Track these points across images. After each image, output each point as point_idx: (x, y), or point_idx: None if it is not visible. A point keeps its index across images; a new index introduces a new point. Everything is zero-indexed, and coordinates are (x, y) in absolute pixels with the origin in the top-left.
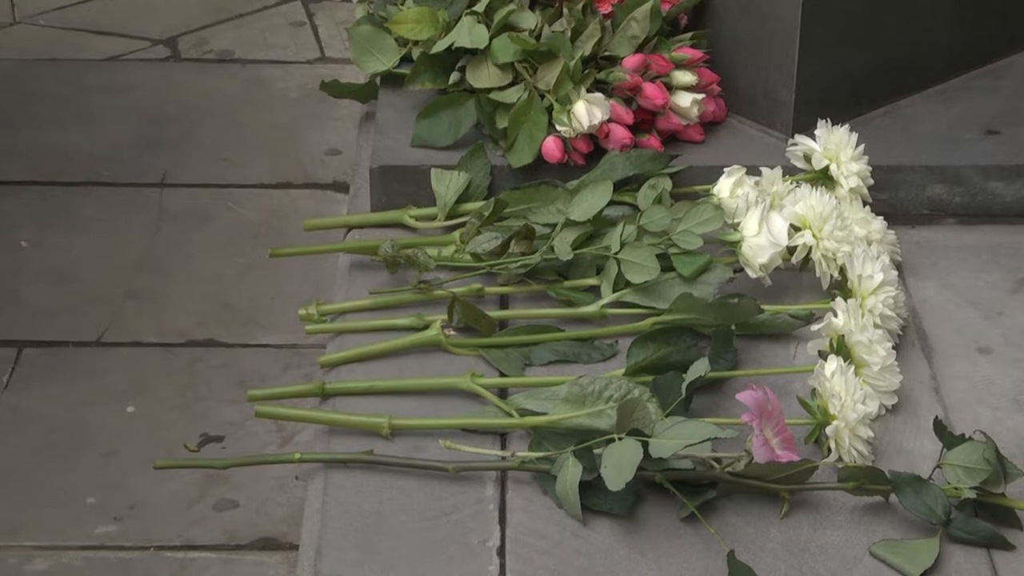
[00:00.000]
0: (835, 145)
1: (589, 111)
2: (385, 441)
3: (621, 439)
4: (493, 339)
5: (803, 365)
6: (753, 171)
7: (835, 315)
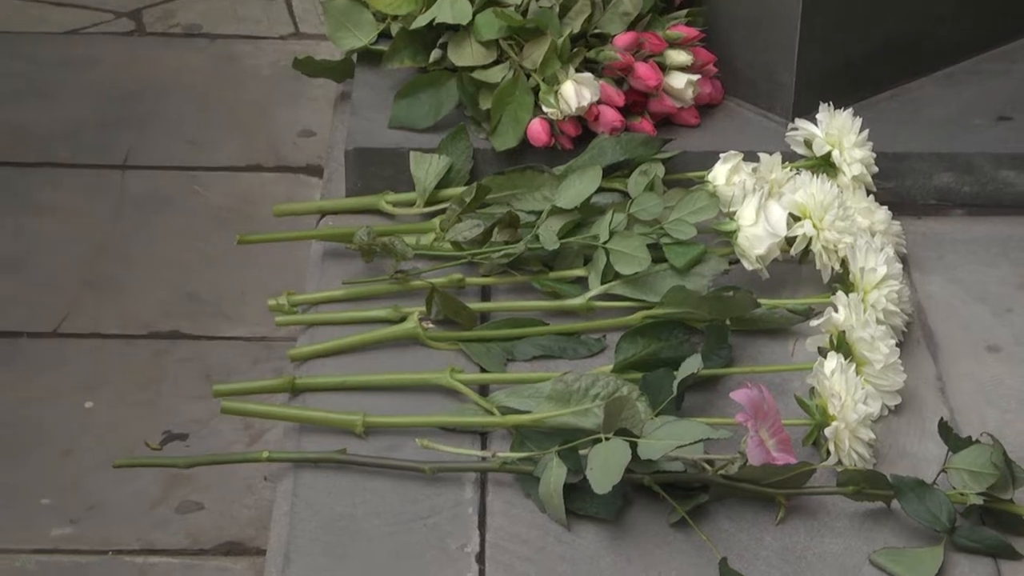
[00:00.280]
0: (838, 130)
1: (578, 92)
2: (358, 440)
3: (608, 439)
4: (474, 333)
5: (801, 363)
6: (751, 157)
7: (836, 310)
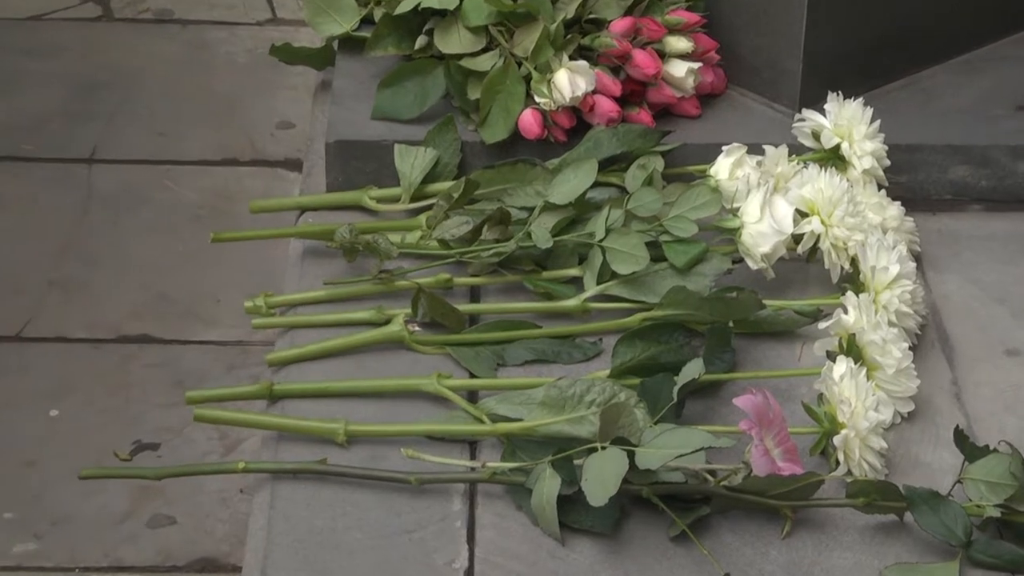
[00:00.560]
0: (847, 121)
1: (572, 81)
2: (340, 449)
3: (604, 448)
4: (462, 336)
5: (809, 367)
6: (755, 150)
7: (845, 311)
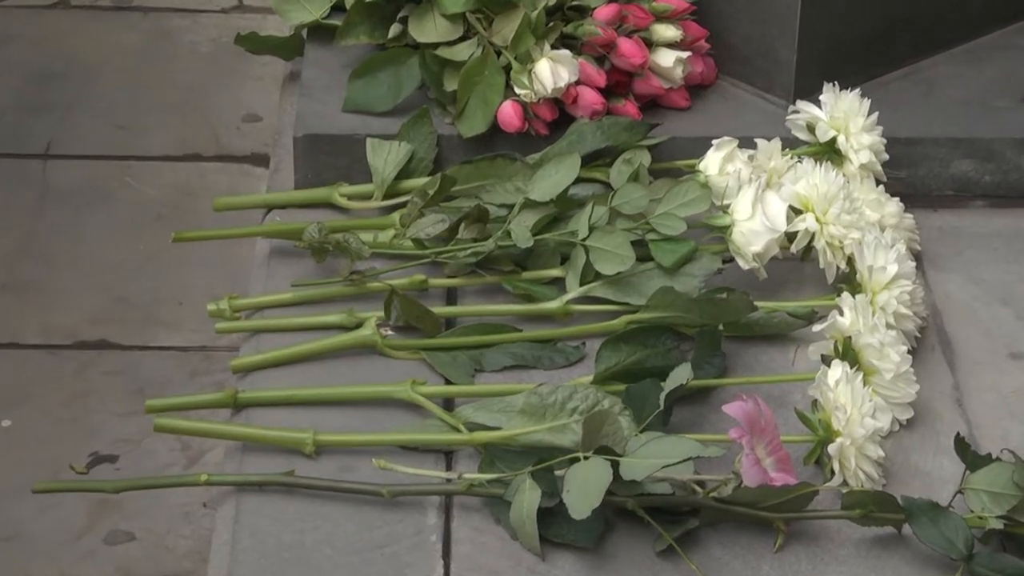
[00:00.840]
0: (844, 113)
1: (554, 71)
2: (308, 460)
3: (587, 458)
4: (438, 340)
5: (803, 372)
6: (747, 143)
7: (841, 313)
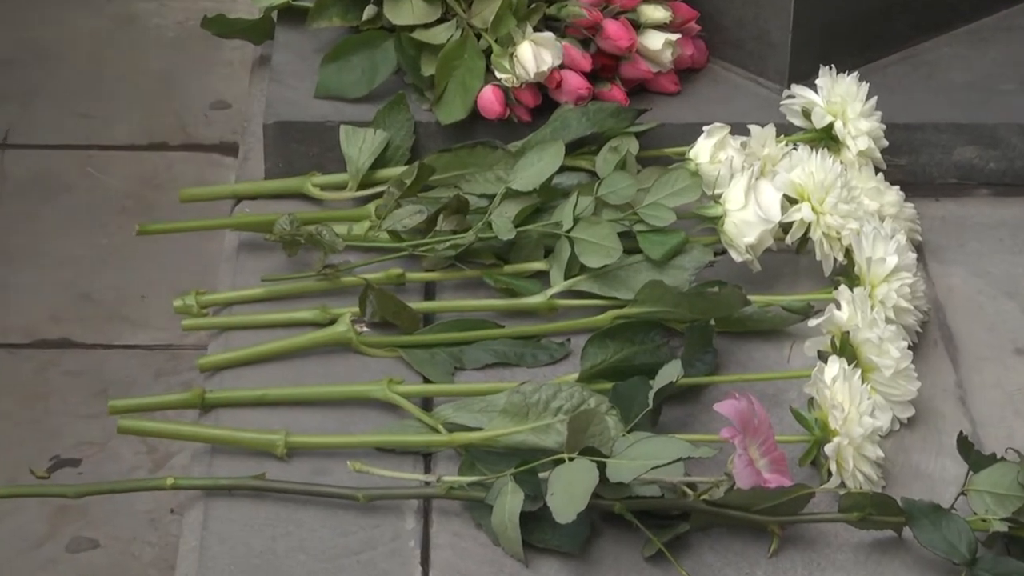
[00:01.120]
0: (841, 98)
1: (536, 55)
2: (280, 463)
3: (572, 460)
4: (416, 337)
5: (798, 369)
6: (739, 130)
7: (838, 307)
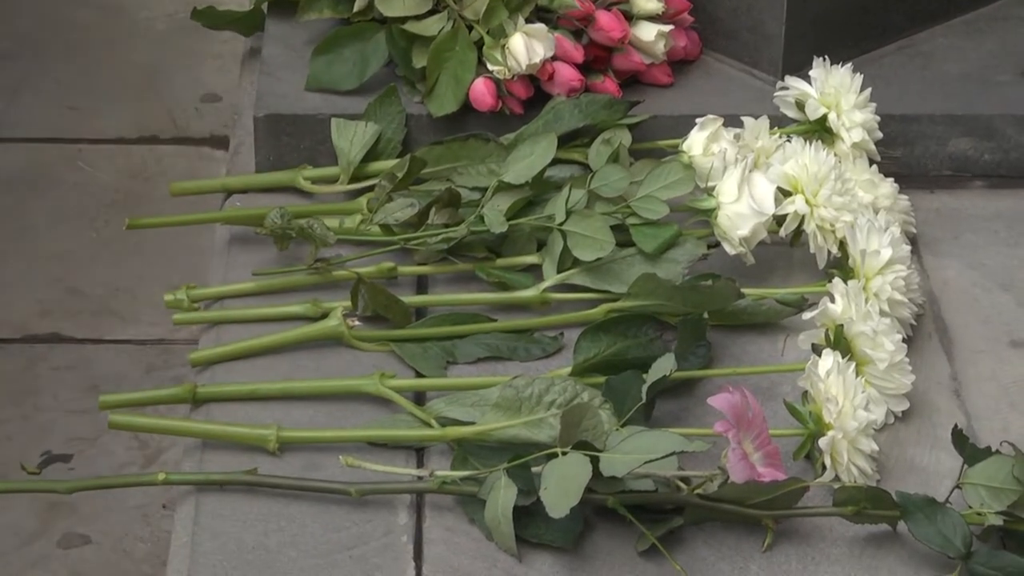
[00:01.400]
0: (835, 89)
1: (528, 46)
2: (272, 458)
3: (565, 454)
4: (408, 331)
5: (792, 362)
6: (733, 122)
7: (832, 300)
